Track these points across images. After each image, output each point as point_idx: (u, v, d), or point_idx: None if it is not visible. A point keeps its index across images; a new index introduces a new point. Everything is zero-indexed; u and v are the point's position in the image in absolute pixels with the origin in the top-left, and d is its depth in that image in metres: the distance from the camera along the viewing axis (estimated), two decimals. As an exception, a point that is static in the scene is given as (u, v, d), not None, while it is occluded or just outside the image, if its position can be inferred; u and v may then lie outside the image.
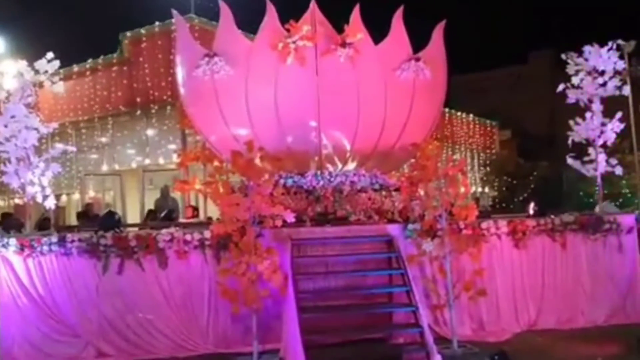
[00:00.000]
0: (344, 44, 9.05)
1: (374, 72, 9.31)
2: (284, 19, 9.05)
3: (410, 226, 8.37)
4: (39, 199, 8.32)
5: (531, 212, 9.42)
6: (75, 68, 19.35)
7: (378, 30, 9.68)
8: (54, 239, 7.81)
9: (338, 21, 9.37)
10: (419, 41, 9.89)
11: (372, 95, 9.23)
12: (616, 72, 9.78)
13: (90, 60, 19.37)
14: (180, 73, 9.74)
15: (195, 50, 9.39)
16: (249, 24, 9.95)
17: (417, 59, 9.51)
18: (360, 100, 9.14)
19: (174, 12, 9.63)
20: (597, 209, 9.93)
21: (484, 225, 8.67)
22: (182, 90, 9.84)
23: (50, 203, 8.34)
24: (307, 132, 9.20)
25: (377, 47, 9.50)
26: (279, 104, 9.02)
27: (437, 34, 10.04)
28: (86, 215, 13.98)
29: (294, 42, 8.81)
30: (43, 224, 10.84)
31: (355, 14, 9.32)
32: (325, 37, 9.14)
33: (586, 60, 9.79)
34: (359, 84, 9.17)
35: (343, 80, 9.12)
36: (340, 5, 9.43)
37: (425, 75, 9.46)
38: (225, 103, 9.18)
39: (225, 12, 9.27)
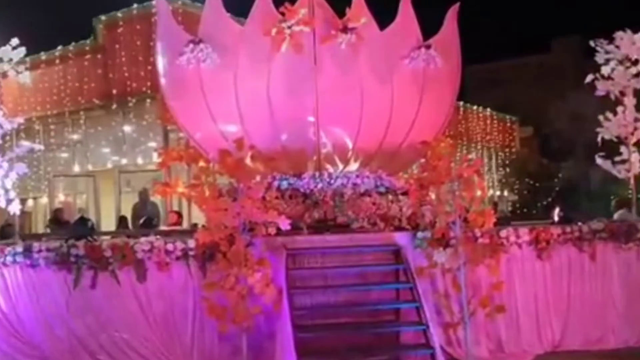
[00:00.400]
0: (345, 29, 9.03)
1: (379, 60, 9.32)
2: (278, 1, 9.05)
3: (419, 234, 8.36)
4: (2, 203, 8.32)
5: (556, 218, 9.43)
6: (44, 56, 19.38)
7: (384, 14, 9.69)
8: (19, 248, 7.80)
9: (339, 3, 9.38)
10: (429, 26, 9.90)
11: (376, 87, 9.24)
12: (652, 61, 9.81)
13: (60, 47, 19.39)
14: (161, 62, 9.73)
15: (179, 36, 9.36)
16: (240, 7, 9.97)
17: (428, 47, 9.50)
18: (363, 93, 9.14)
19: None
20: (615, 217, 9.94)
21: (502, 233, 8.64)
22: (163, 82, 9.83)
23: (15, 208, 8.34)
24: (304, 129, 9.21)
25: (383, 33, 9.50)
26: (272, 96, 9.01)
27: (450, 19, 10.04)
28: (56, 221, 13.98)
29: (289, 27, 8.78)
30: (6, 232, 10.84)
31: None
32: (324, 21, 9.14)
33: (617, 47, 9.81)
34: (362, 74, 9.17)
35: (344, 69, 9.12)
36: None
37: (436, 64, 9.46)
38: (211, 95, 9.17)
39: None
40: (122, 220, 14.16)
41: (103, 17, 18.30)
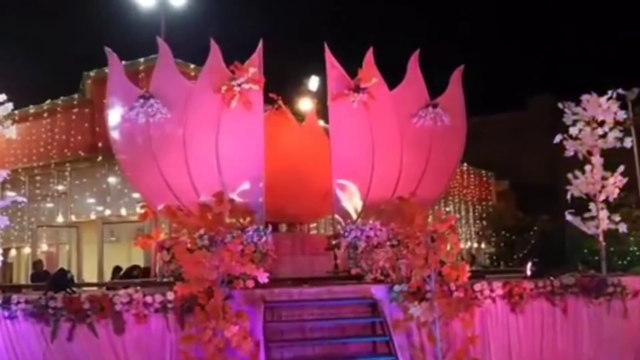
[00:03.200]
0: (357, 89, 9.28)
1: (389, 118, 9.58)
2: (229, 60, 9.16)
3: (396, 287, 8.35)
4: (-17, 254, 8.21)
5: (529, 272, 9.46)
6: (32, 109, 19.41)
7: (392, 75, 9.99)
8: (-3, 300, 7.68)
9: (350, 64, 9.64)
10: (435, 87, 10.23)
11: (387, 144, 9.51)
12: (617, 123, 10.05)
13: (48, 101, 19.46)
14: (112, 116, 9.64)
15: (129, 91, 9.44)
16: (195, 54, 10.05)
17: (435, 105, 9.77)
18: (374, 149, 9.33)
19: (107, 49, 9.54)
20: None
21: (477, 287, 8.67)
22: (113, 135, 9.70)
23: (-4, 259, 8.22)
24: (251, 186, 9.20)
25: (392, 93, 9.76)
26: (221, 152, 9.11)
27: (456, 79, 10.38)
28: (36, 274, 13.73)
29: (238, 85, 8.93)
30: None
31: (369, 57, 9.60)
32: (337, 80, 9.37)
33: (584, 109, 10.07)
34: (373, 131, 9.38)
35: (356, 127, 9.31)
36: (352, 47, 9.75)
37: (443, 122, 9.71)
38: (160, 150, 9.21)
39: (164, 51, 9.39)
40: (116, 271, 13.89)
41: (92, 73, 18.45)
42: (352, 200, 9.63)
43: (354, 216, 9.65)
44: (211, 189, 8.91)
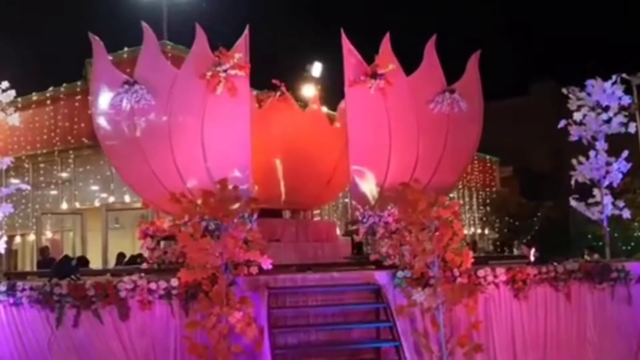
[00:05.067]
0: (374, 75, 9.25)
1: (406, 104, 9.58)
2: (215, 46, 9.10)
3: (399, 274, 8.34)
4: (-12, 242, 8.23)
5: (532, 258, 9.45)
6: (35, 96, 19.39)
7: (408, 60, 9.99)
8: (2, 287, 7.71)
9: (367, 51, 9.65)
10: (451, 72, 10.21)
11: (404, 130, 9.52)
12: (621, 108, 9.99)
13: (51, 88, 19.43)
14: (96, 102, 9.52)
15: (114, 77, 9.34)
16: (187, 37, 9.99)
17: (452, 91, 9.75)
18: (392, 136, 9.35)
19: (91, 35, 9.38)
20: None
21: (480, 273, 8.65)
22: (98, 122, 9.55)
23: (0, 247, 8.23)
24: (238, 174, 9.06)
25: (409, 78, 9.73)
26: (206, 141, 9.06)
27: (472, 64, 10.32)
28: (42, 260, 13.76)
29: (224, 71, 8.89)
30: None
31: (386, 44, 9.55)
32: (354, 67, 9.34)
33: (589, 95, 10.00)
34: (390, 117, 9.36)
35: (373, 113, 9.29)
36: (369, 34, 9.72)
37: (460, 107, 9.69)
38: (145, 137, 9.15)
39: (149, 37, 9.31)
40: (119, 257, 13.93)
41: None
42: (369, 187, 9.63)
43: (372, 202, 9.62)
44: (197, 176, 8.95)
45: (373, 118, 9.52)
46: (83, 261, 12.38)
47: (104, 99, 9.35)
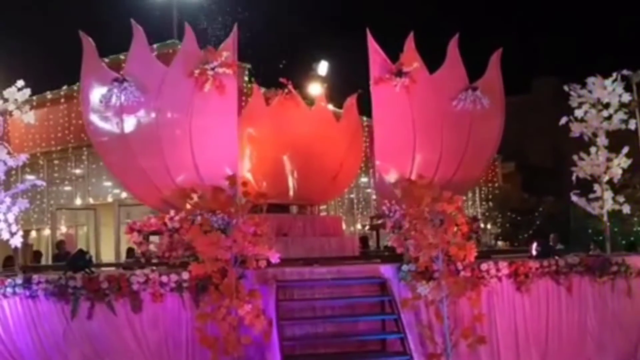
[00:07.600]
0: (399, 73, 9.28)
1: (430, 102, 9.63)
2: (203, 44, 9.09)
3: (404, 267, 8.34)
4: (5, 236, 8.25)
5: (534, 252, 9.43)
6: (49, 95, 19.46)
7: (431, 59, 10.02)
8: (19, 280, 7.75)
9: (391, 49, 9.68)
10: (473, 70, 10.25)
11: (428, 127, 9.56)
12: (622, 105, 9.95)
13: (65, 87, 19.48)
14: (86, 99, 9.43)
15: (104, 74, 9.30)
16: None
17: (475, 88, 9.77)
18: (416, 132, 9.44)
19: (81, 33, 9.27)
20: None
21: (483, 267, 8.65)
22: (88, 119, 9.47)
23: (17, 241, 8.26)
24: (223, 169, 8.94)
25: (433, 76, 9.76)
26: (194, 138, 9.01)
27: (494, 62, 10.36)
28: (59, 254, 13.83)
29: (212, 69, 8.85)
30: (8, 263, 10.73)
31: (410, 42, 9.56)
32: (379, 65, 9.37)
33: (590, 92, 9.96)
34: (414, 114, 9.47)
35: (398, 110, 9.40)
36: (393, 32, 9.73)
37: (483, 104, 9.72)
38: (133, 133, 9.11)
39: (138, 34, 9.24)
40: (129, 252, 13.98)
41: (107, 59, 18.40)
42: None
43: (399, 196, 9.64)
44: (185, 173, 8.94)
45: (398, 115, 9.58)
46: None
47: (94, 96, 9.28)
